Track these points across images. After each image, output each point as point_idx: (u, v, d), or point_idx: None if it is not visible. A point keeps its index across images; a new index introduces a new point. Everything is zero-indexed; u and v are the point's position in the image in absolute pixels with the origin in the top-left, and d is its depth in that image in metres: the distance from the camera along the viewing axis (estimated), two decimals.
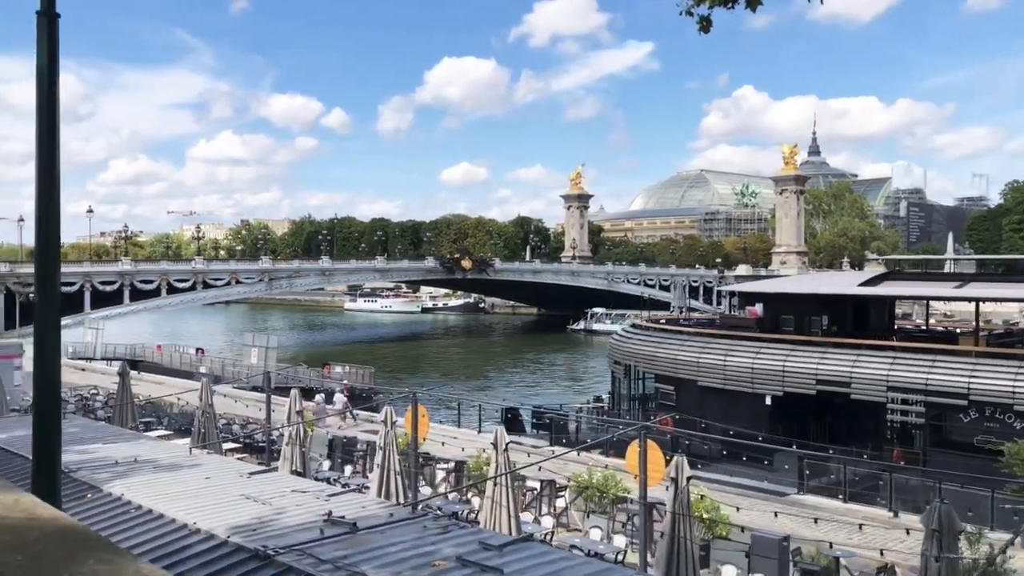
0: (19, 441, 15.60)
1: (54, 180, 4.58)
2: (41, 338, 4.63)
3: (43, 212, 4.55)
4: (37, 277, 4.61)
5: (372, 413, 35.93)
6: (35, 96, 4.55)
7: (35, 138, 4.56)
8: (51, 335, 4.62)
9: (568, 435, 30.76)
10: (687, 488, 11.14)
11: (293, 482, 12.71)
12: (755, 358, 29.59)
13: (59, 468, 4.69)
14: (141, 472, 13.05)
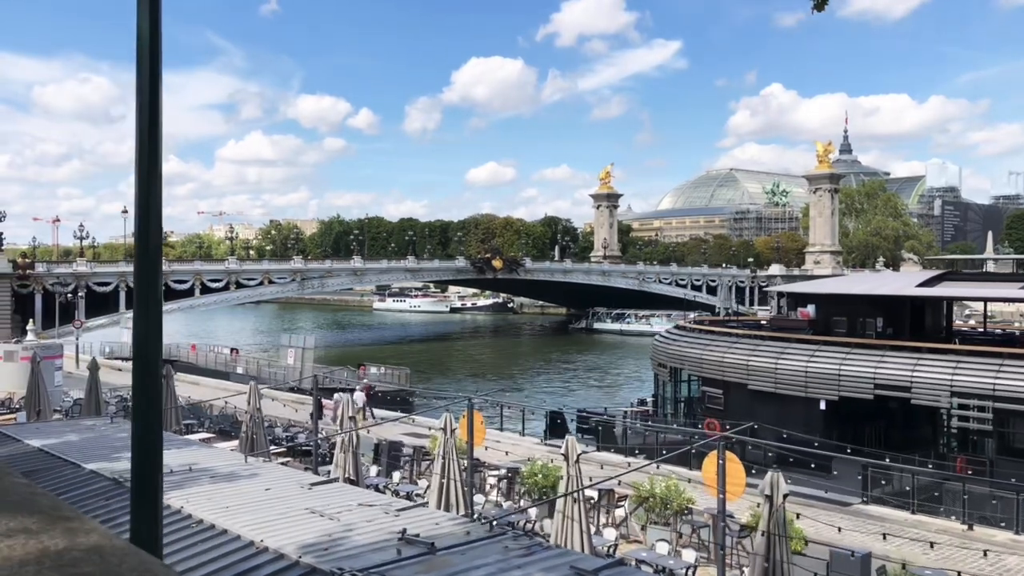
0: (70, 447, 15.20)
1: (156, 172, 3.97)
2: (142, 362, 4.03)
3: (143, 221, 3.96)
4: (137, 282, 4.01)
5: (394, 413, 35.63)
6: (136, 77, 3.96)
7: (135, 122, 3.97)
8: (152, 350, 4.02)
9: (615, 439, 30.00)
10: (783, 507, 10.38)
11: (357, 494, 12.12)
12: (809, 361, 28.66)
13: (160, 511, 4.07)
14: (198, 482, 12.54)
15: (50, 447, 15.11)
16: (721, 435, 12.82)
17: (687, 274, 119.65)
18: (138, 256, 4.06)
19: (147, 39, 3.93)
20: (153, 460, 4.10)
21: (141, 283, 4.06)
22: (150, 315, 4.04)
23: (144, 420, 4.06)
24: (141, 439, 4.07)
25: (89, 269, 71.21)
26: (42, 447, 15.12)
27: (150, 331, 4.04)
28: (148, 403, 4.06)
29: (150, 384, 4.05)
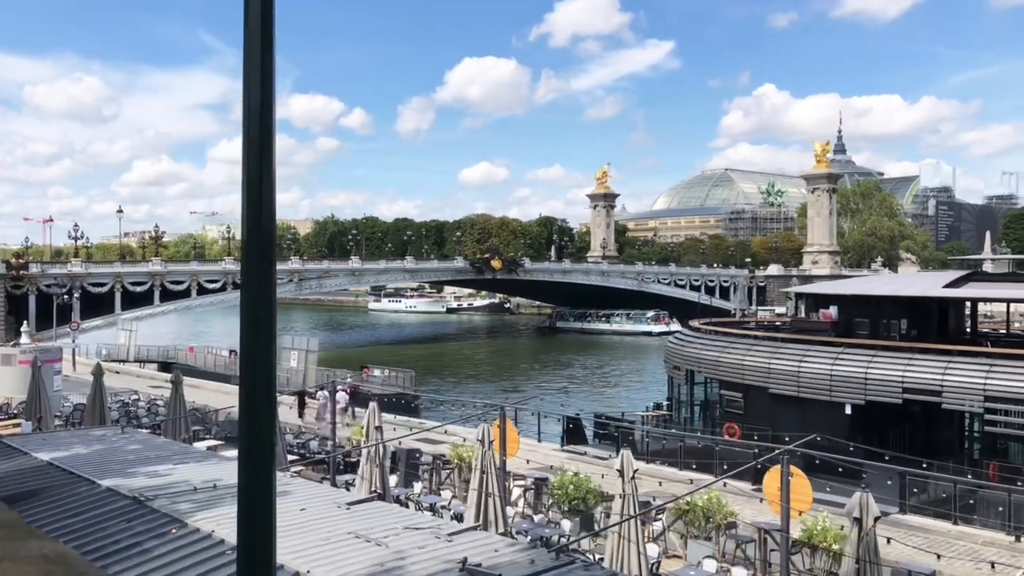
0: (82, 461, 14.25)
1: (269, 182, 3.21)
2: (252, 393, 3.17)
3: (254, 228, 3.18)
4: (245, 285, 3.14)
5: (422, 421, 34.78)
6: (243, 73, 3.28)
7: (243, 116, 3.25)
8: (262, 377, 3.17)
9: (635, 445, 29.16)
10: (874, 531, 9.55)
11: (399, 515, 11.23)
12: (834, 364, 27.87)
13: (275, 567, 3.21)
14: (226, 501, 11.59)
15: (60, 461, 14.16)
16: (785, 448, 11.99)
17: (686, 274, 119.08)
18: (248, 267, 3.20)
19: (259, 22, 3.16)
20: (265, 517, 3.23)
21: (252, 300, 3.20)
22: (260, 336, 3.18)
23: (254, 472, 3.19)
24: (249, 488, 3.23)
25: (84, 270, 70.05)
26: (51, 461, 14.16)
27: (260, 357, 3.18)
28: (259, 447, 3.20)
29: (263, 424, 3.19)
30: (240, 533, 3.22)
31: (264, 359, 3.17)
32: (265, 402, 3.17)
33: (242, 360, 3.18)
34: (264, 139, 3.14)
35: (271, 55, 3.18)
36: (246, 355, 3.17)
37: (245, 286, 3.18)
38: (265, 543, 3.22)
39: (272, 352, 3.21)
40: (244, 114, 3.17)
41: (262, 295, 3.17)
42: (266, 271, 3.18)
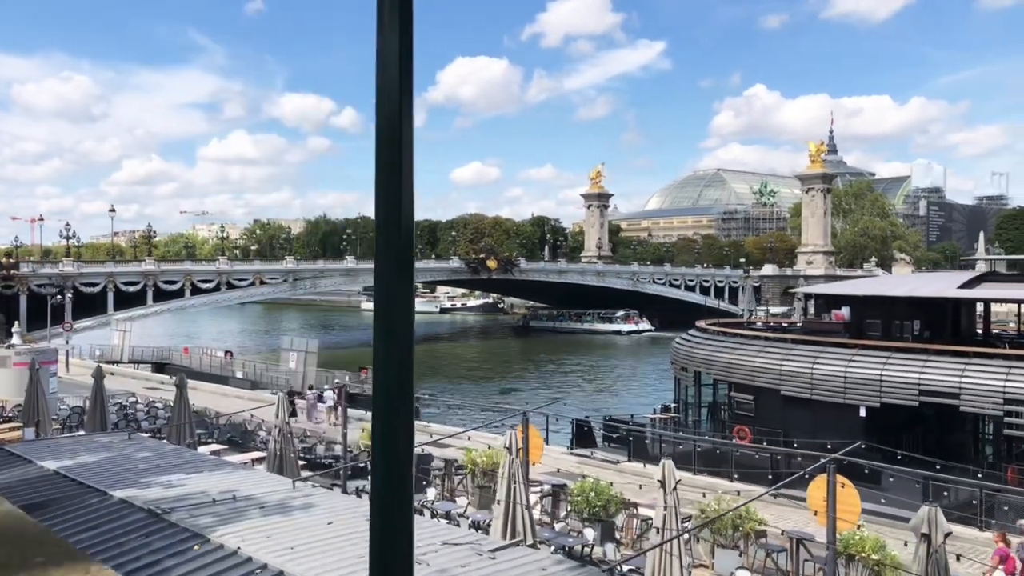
0: (90, 470, 13.61)
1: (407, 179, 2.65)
2: (387, 406, 2.64)
3: (391, 226, 2.64)
4: (381, 298, 2.59)
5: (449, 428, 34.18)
6: (376, 75, 2.67)
7: (376, 112, 2.68)
8: (400, 390, 2.64)
9: (645, 449, 28.69)
10: (943, 548, 9.03)
11: (434, 529, 10.67)
12: (848, 366, 27.44)
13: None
14: (248, 515, 11.02)
15: (67, 470, 13.53)
16: (832, 457, 11.48)
17: (680, 274, 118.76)
18: (382, 267, 2.64)
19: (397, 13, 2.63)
20: (403, 554, 2.70)
21: (389, 308, 2.65)
22: (397, 342, 2.64)
23: (389, 502, 2.65)
24: (384, 518, 2.69)
25: (76, 269, 69.08)
26: (58, 470, 13.54)
27: (398, 364, 2.64)
28: (397, 501, 2.64)
29: (400, 443, 2.64)
30: (373, 567, 2.69)
31: (402, 389, 2.62)
32: (404, 440, 2.62)
33: (378, 389, 2.62)
34: (402, 134, 2.61)
35: (409, 37, 2.65)
36: (382, 384, 2.61)
37: (381, 299, 2.63)
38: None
39: (410, 378, 2.66)
40: (377, 110, 2.62)
41: (400, 308, 2.62)
42: (405, 282, 2.63)
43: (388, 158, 2.60)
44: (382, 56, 2.63)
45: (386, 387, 2.62)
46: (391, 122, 2.60)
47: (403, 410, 2.64)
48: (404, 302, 2.62)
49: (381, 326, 2.62)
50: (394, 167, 2.59)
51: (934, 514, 9.20)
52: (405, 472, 2.65)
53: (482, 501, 20.30)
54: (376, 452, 2.64)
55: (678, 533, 10.36)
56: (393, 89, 2.60)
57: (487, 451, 21.16)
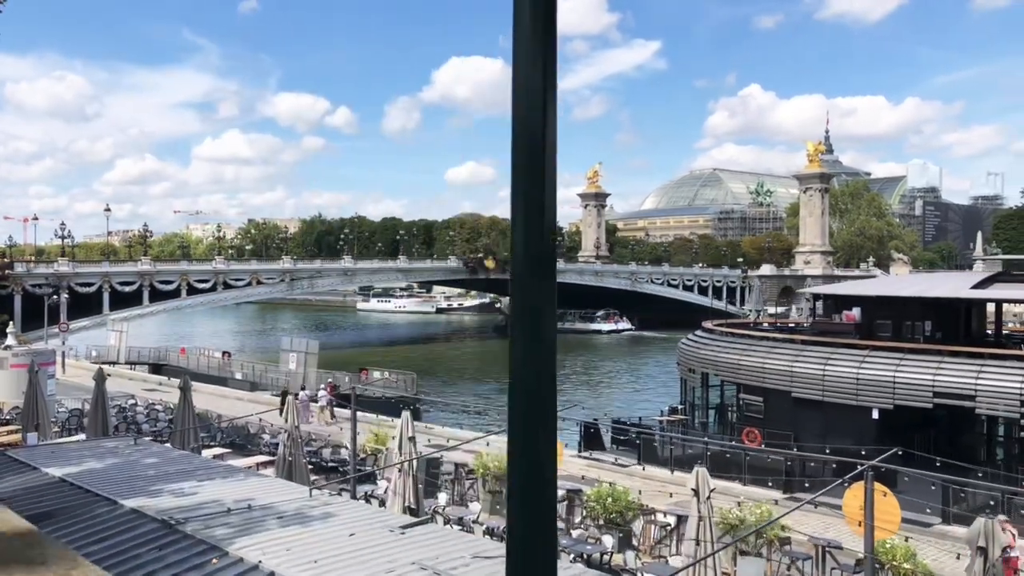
0: (97, 478, 13.13)
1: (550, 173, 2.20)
2: (526, 433, 2.22)
3: (532, 226, 2.18)
4: (521, 307, 2.15)
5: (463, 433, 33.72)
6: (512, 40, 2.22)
7: (512, 110, 2.18)
8: (541, 404, 2.22)
9: (655, 452, 28.27)
10: (1000, 562, 8.62)
11: (461, 541, 10.22)
12: (860, 367, 27.05)
13: None
14: (265, 525, 10.55)
15: (74, 477, 13.05)
16: (868, 464, 11.07)
17: (679, 274, 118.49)
18: (521, 267, 2.22)
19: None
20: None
21: (530, 319, 2.22)
22: (538, 357, 2.22)
23: (531, 541, 2.23)
24: (524, 560, 2.26)
25: (71, 269, 68.39)
26: (64, 477, 13.06)
27: (540, 383, 2.22)
28: (542, 513, 2.23)
29: (543, 475, 2.23)
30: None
31: (543, 407, 2.19)
32: (548, 473, 2.19)
33: (516, 410, 2.19)
34: (545, 133, 2.18)
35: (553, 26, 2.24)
36: (520, 404, 2.18)
37: (521, 309, 2.19)
38: None
39: (554, 399, 2.23)
40: (515, 106, 2.21)
41: (543, 319, 2.19)
42: (547, 290, 2.20)
43: (528, 158, 2.18)
44: (520, 46, 2.20)
45: (525, 407, 2.19)
46: (532, 116, 2.18)
47: (545, 435, 2.21)
48: (547, 313, 2.19)
49: (521, 340, 2.18)
50: (535, 168, 2.17)
51: (991, 527, 8.80)
52: (549, 509, 2.22)
53: (494, 507, 19.87)
54: (515, 485, 2.21)
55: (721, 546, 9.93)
56: (536, 79, 2.19)
57: (499, 455, 20.73)
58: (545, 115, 2.15)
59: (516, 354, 2.18)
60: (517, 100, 2.19)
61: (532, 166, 2.15)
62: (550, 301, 2.19)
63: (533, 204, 2.15)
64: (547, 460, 2.20)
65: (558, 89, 2.24)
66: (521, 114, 2.18)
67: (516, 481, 2.20)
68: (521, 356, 2.17)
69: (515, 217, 2.18)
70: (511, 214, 2.19)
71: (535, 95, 2.16)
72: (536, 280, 2.17)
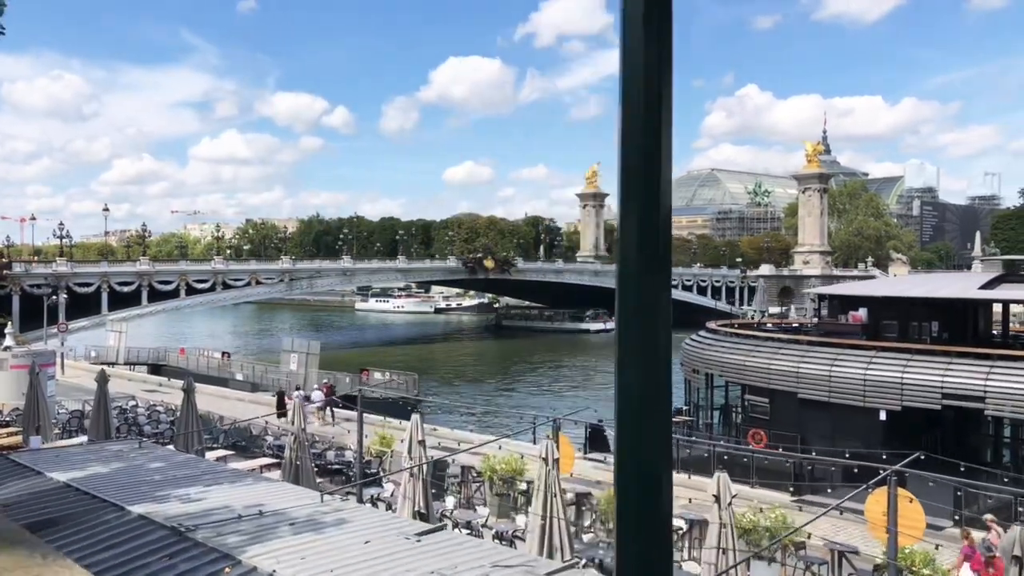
0: (103, 482, 12.88)
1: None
2: (638, 450, 1.99)
3: (649, 220, 1.93)
4: (631, 311, 1.93)
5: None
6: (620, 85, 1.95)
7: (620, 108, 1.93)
8: (655, 421, 1.98)
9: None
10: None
11: (480, 549, 9.99)
12: (867, 368, 26.86)
13: None
14: (278, 532, 10.31)
15: (79, 482, 12.79)
16: (893, 469, 10.86)
17: (678, 274, 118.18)
18: (632, 265, 1.99)
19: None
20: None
21: (643, 325, 2.00)
22: (651, 366, 2.01)
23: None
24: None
25: (70, 269, 68.06)
26: (69, 482, 12.80)
27: (654, 397, 2.01)
28: (657, 548, 1.99)
29: (659, 503, 2.01)
30: None
31: (658, 425, 1.97)
32: (664, 500, 1.97)
33: (624, 425, 1.97)
34: (661, 119, 1.96)
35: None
36: (629, 419, 1.96)
37: (632, 310, 1.97)
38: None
39: (669, 414, 2.02)
40: (624, 87, 1.98)
41: (659, 321, 1.96)
42: (661, 289, 1.97)
43: (641, 137, 1.95)
44: (630, 25, 1.98)
45: (636, 422, 1.97)
46: (648, 97, 1.95)
47: (660, 453, 1.99)
48: (661, 316, 1.96)
49: (631, 348, 1.96)
50: (650, 149, 1.94)
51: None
52: (664, 540, 2.00)
53: (501, 510, 19.66)
54: (625, 512, 1.99)
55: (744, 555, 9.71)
56: (652, 57, 1.95)
57: (506, 458, 20.53)
58: (660, 90, 1.92)
59: (625, 365, 1.96)
60: (628, 71, 1.95)
61: (646, 146, 1.92)
62: (665, 303, 1.97)
63: (647, 190, 1.93)
64: (663, 482, 1.98)
65: (558, 89, 1.99)
66: (633, 89, 1.95)
67: (626, 507, 1.98)
68: (631, 366, 1.95)
69: (626, 206, 1.96)
70: (619, 202, 1.96)
71: (651, 69, 1.93)
72: (650, 277, 1.94)
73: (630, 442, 1.97)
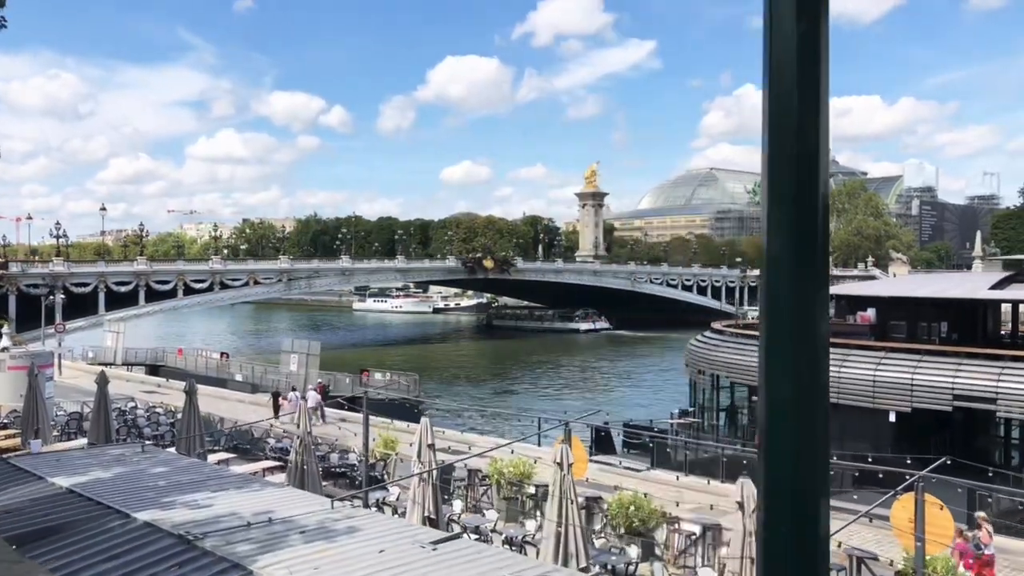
0: (106, 488, 12.55)
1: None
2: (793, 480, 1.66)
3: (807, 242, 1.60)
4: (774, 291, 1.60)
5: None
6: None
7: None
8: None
9: (668, 456, 27.77)
10: None
11: (497, 557, 9.67)
12: (876, 370, 26.57)
13: None
14: (288, 541, 9.99)
15: (82, 487, 12.48)
16: (920, 475, 10.56)
17: (678, 274, 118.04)
18: (785, 261, 1.68)
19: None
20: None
21: (794, 317, 1.68)
22: (810, 368, 1.69)
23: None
24: None
25: (67, 269, 67.63)
26: (71, 488, 12.49)
27: (812, 419, 1.70)
28: None
29: (816, 543, 1.69)
30: None
31: (814, 441, 1.66)
32: (822, 520, 1.66)
33: (773, 442, 1.66)
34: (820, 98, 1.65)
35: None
36: (778, 434, 1.66)
37: (783, 311, 1.67)
38: None
39: (826, 421, 1.71)
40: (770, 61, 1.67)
41: (816, 325, 1.66)
42: (819, 286, 1.66)
43: (797, 103, 1.64)
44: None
45: (788, 441, 1.66)
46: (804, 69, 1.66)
47: (817, 478, 1.68)
48: (819, 318, 1.66)
49: (783, 353, 1.66)
50: (807, 125, 1.64)
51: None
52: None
53: (509, 514, 19.35)
54: (773, 546, 1.68)
55: None
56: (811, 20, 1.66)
57: (513, 461, 20.22)
58: (820, 65, 1.61)
59: (774, 377, 1.65)
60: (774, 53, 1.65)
61: (802, 114, 1.62)
62: (823, 302, 1.66)
63: (802, 172, 1.63)
64: (820, 516, 1.66)
65: (555, 89, 1.67)
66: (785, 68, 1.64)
67: (776, 543, 1.66)
68: (782, 379, 1.65)
69: (774, 191, 1.65)
70: (764, 188, 1.65)
71: (808, 41, 1.63)
72: (806, 271, 1.64)
73: (782, 470, 1.66)
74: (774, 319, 1.66)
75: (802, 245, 1.63)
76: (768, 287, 1.66)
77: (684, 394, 40.29)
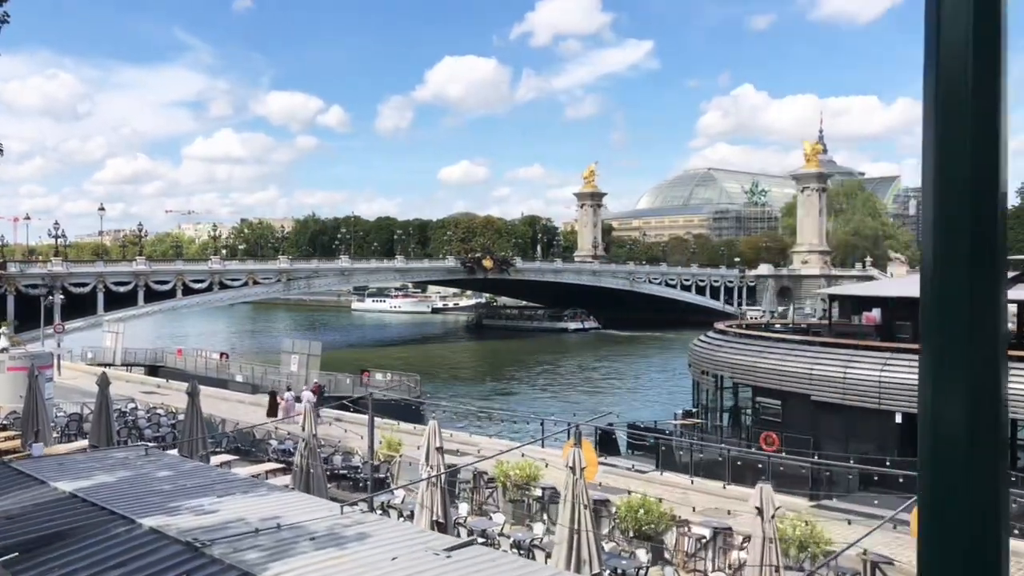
0: (110, 492, 12.32)
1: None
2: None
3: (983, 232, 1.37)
4: (939, 292, 1.36)
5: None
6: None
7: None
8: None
9: (674, 457, 27.55)
10: None
11: (513, 564, 9.47)
12: (883, 370, 26.36)
13: None
14: (298, 548, 9.77)
15: (85, 492, 12.25)
16: None
17: (677, 274, 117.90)
18: (959, 257, 1.46)
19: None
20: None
21: (963, 322, 1.47)
22: (984, 384, 1.47)
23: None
24: None
25: (65, 269, 67.33)
26: (75, 492, 12.26)
27: (975, 425, 1.47)
28: None
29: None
30: None
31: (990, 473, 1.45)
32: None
33: (932, 475, 1.46)
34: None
35: None
36: (936, 464, 1.46)
37: (950, 315, 1.46)
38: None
39: (1006, 447, 1.50)
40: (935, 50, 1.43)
41: (995, 329, 1.46)
42: (994, 288, 1.46)
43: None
44: None
45: (961, 478, 1.45)
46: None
47: (993, 523, 1.46)
48: (995, 323, 1.46)
49: (949, 363, 1.45)
50: (989, 117, 1.43)
51: None
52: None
53: (516, 517, 19.14)
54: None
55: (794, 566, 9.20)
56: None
57: (519, 463, 20.02)
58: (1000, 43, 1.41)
59: (941, 388, 1.45)
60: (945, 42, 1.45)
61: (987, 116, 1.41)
62: (1001, 307, 1.46)
63: (980, 155, 1.42)
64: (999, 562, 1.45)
65: (554, 89, 1.46)
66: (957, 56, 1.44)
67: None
68: (950, 391, 1.44)
69: (942, 177, 1.44)
70: (930, 182, 1.45)
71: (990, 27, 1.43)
72: (982, 271, 1.44)
73: (947, 505, 1.45)
74: (944, 326, 1.44)
75: (978, 244, 1.42)
76: (934, 290, 1.45)
77: (680, 393, 40.07)
